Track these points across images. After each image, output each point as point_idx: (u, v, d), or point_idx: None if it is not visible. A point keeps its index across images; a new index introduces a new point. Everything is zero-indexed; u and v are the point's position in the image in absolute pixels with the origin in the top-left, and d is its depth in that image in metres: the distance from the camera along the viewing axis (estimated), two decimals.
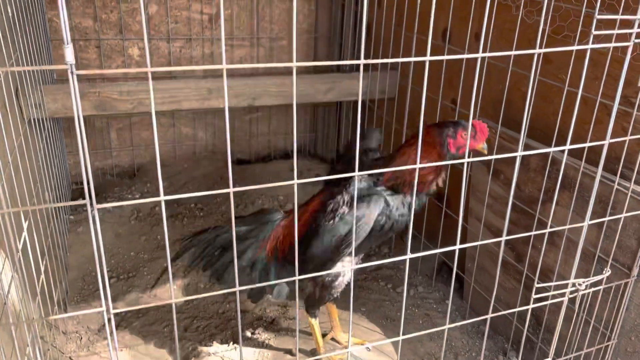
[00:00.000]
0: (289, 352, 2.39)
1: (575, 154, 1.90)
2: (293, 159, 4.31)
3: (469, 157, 1.45)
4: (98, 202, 1.04)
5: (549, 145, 2.00)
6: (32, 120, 2.60)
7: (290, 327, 2.54)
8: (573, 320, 2.00)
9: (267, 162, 4.17)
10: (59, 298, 2.45)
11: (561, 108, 1.98)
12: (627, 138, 1.50)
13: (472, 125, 1.83)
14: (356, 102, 3.68)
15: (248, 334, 2.48)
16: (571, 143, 1.39)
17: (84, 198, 3.41)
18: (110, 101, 2.99)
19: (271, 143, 4.19)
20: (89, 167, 1.01)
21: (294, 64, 1.05)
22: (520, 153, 1.41)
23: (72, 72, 0.92)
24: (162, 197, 1.12)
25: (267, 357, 2.36)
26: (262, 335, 2.47)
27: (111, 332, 1.20)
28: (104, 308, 1.19)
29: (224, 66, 1.02)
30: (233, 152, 4.12)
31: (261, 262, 2.11)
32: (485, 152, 1.88)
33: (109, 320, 1.18)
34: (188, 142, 3.97)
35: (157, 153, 1.03)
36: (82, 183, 3.71)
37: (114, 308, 1.17)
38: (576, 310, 1.93)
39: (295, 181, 1.19)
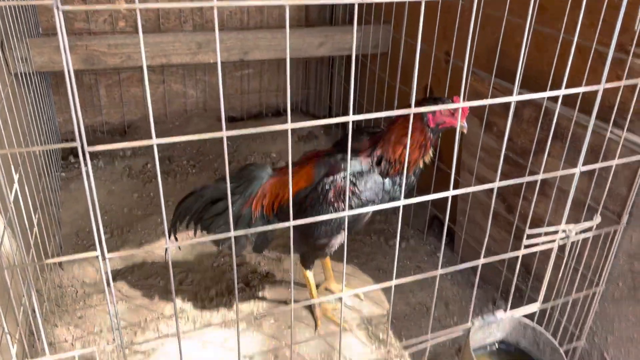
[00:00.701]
0: (283, 302, 2.43)
1: (568, 103, 1.90)
2: (285, 112, 4.28)
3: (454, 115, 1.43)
4: (89, 159, 1.03)
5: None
6: (19, 75, 2.55)
7: (284, 279, 2.57)
8: (562, 268, 2.04)
9: (259, 119, 4.14)
10: (53, 253, 2.45)
11: (556, 57, 1.96)
12: (622, 83, 1.50)
13: (453, 102, 1.83)
14: (349, 56, 3.64)
15: (243, 285, 2.52)
16: (562, 90, 1.39)
17: (74, 155, 3.41)
18: (98, 55, 2.93)
19: (262, 100, 4.15)
20: (78, 109, 1.00)
21: (287, 2, 1.02)
22: (514, 98, 1.41)
23: (57, 7, 0.89)
24: (155, 141, 1.11)
25: (262, 307, 2.40)
26: (257, 287, 2.50)
27: (107, 277, 1.21)
28: (98, 252, 1.19)
29: (215, 3, 0.99)
30: (224, 109, 4.07)
31: (247, 217, 2.11)
32: (465, 130, 1.89)
33: (105, 267, 1.18)
34: (178, 99, 3.92)
35: (149, 99, 1.02)
36: (72, 140, 3.66)
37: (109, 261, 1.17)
38: (565, 257, 1.97)
39: (289, 125, 1.18)
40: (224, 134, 1.15)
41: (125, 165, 3.43)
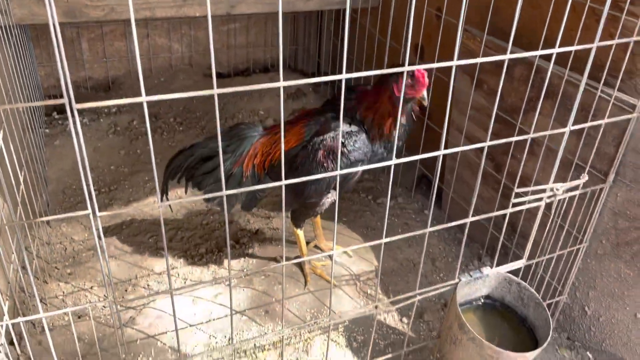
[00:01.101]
0: (273, 259, 2.45)
1: (559, 61, 1.89)
2: (274, 70, 4.21)
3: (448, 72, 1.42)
4: (73, 115, 1.00)
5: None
6: None
7: (274, 237, 2.59)
8: (547, 225, 2.08)
9: (246, 76, 4.07)
10: (40, 210, 2.44)
11: (549, 14, 1.94)
12: (616, 42, 1.49)
13: (413, 74, 1.83)
14: (338, 11, 3.56)
15: (233, 243, 2.53)
16: (556, 49, 1.37)
17: (57, 111, 3.34)
18: (80, 7, 2.83)
19: (250, 56, 4.08)
20: (65, 66, 0.97)
21: None
22: (507, 56, 1.39)
23: None
24: (144, 98, 1.08)
25: (252, 264, 2.43)
26: (247, 245, 2.52)
27: (98, 234, 1.21)
28: (89, 210, 1.18)
29: None
30: (211, 65, 4.00)
31: (238, 176, 2.11)
32: (425, 102, 1.91)
33: (96, 223, 1.18)
34: (163, 54, 3.84)
35: (137, 54, 0.99)
36: (54, 96, 3.59)
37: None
38: (551, 215, 2.00)
39: (282, 83, 1.16)
40: (215, 91, 1.13)
41: (111, 122, 3.37)
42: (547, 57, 2.01)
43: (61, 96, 3.64)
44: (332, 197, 2.11)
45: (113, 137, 3.28)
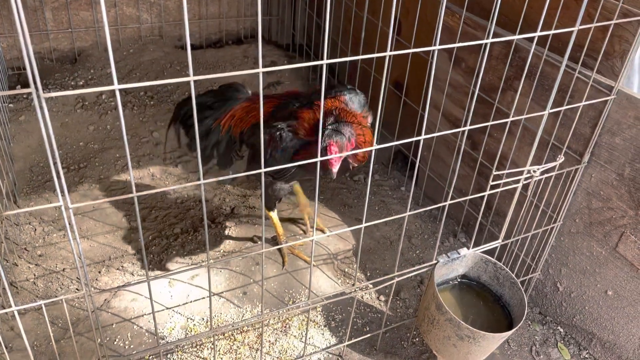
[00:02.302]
0: (250, 239, 2.43)
1: (538, 41, 1.88)
2: (247, 41, 4.10)
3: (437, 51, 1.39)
4: (41, 106, 0.93)
5: (513, 32, 1.96)
6: None
7: (250, 215, 2.57)
8: (523, 205, 2.10)
9: (218, 47, 3.96)
10: (7, 190, 2.35)
11: None
12: (595, 25, 1.48)
13: (326, 148, 1.72)
14: None
15: (209, 222, 2.50)
16: (537, 30, 1.36)
17: (22, 85, 3.20)
18: None
19: (222, 27, 3.96)
20: (30, 51, 0.91)
21: None
22: (488, 40, 1.37)
23: None
24: (117, 86, 1.03)
25: (229, 245, 2.40)
26: (223, 224, 2.49)
27: (71, 227, 1.16)
28: (61, 203, 1.14)
29: None
30: (182, 36, 3.88)
31: (217, 132, 2.15)
32: (333, 177, 1.80)
33: (68, 214, 1.13)
34: (132, 24, 3.69)
35: (106, 26, 0.93)
36: (19, 69, 3.44)
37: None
38: (527, 195, 2.02)
39: (260, 70, 1.12)
40: (192, 78, 1.09)
41: (78, 97, 3.25)
42: (528, 37, 2.00)
43: (24, 69, 3.49)
44: (284, 187, 2.11)
45: (81, 111, 3.17)
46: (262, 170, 1.26)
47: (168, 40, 3.83)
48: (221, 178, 1.29)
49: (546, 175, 1.86)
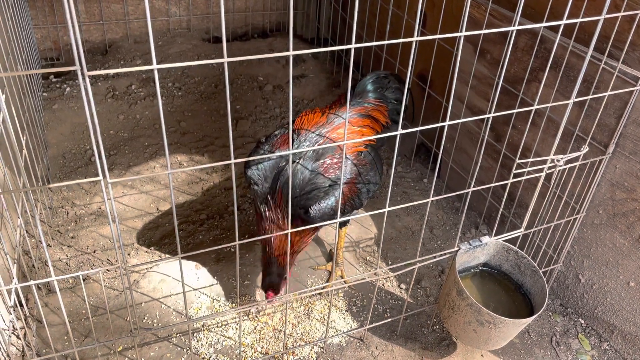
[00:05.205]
0: None
1: (564, 32, 1.89)
2: (273, 35, 4.15)
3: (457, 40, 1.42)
4: (70, 79, 1.00)
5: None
6: None
7: None
8: (546, 196, 2.11)
9: (244, 41, 4.03)
10: (42, 175, 2.44)
11: None
12: (622, 14, 1.49)
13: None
14: None
15: (232, 209, 2.56)
16: (564, 20, 1.37)
17: (55, 75, 3.29)
18: None
19: (248, 20, 4.02)
20: (77, 33, 0.97)
21: None
22: (514, 27, 1.39)
23: None
24: (155, 66, 1.08)
25: (253, 230, 2.46)
26: (248, 211, 2.54)
27: (110, 203, 1.22)
28: (100, 177, 1.20)
29: None
30: (209, 29, 3.95)
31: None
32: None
33: (107, 187, 1.19)
34: (161, 17, 3.78)
35: (149, 18, 0.98)
36: (51, 59, 3.54)
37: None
38: (550, 185, 2.03)
39: (291, 52, 1.17)
40: (225, 60, 1.14)
41: (109, 86, 3.34)
42: (553, 28, 2.01)
43: (58, 59, 3.60)
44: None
45: (112, 101, 3.26)
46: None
47: (196, 33, 3.90)
48: (248, 159, 1.34)
49: (570, 165, 1.87)
